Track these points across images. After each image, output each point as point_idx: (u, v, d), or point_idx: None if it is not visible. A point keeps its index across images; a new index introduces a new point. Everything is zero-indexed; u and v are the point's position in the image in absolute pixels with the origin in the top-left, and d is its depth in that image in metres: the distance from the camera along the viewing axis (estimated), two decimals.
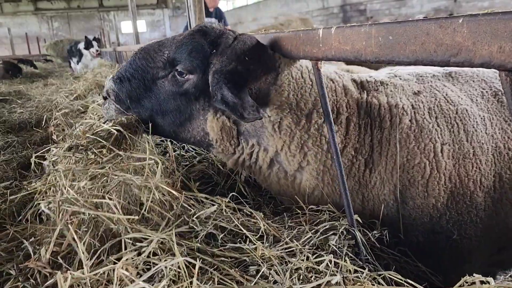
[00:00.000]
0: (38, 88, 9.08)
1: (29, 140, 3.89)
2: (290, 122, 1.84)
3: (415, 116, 1.86)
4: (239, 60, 1.79)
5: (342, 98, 1.89)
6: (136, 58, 2.01)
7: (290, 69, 1.87)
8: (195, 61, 1.83)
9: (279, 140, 1.88)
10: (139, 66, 1.97)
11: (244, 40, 1.87)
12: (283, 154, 1.90)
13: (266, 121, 1.86)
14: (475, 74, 2.17)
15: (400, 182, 1.83)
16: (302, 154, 1.88)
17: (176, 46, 1.91)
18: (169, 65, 1.91)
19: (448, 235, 1.85)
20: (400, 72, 2.19)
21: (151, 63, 1.96)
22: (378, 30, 1.20)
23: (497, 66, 0.89)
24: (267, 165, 1.97)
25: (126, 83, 1.99)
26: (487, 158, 1.86)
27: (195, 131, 1.97)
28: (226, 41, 1.85)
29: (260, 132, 1.91)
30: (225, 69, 1.75)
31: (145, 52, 2.00)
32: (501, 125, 1.94)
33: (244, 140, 1.95)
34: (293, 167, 1.92)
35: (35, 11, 35.54)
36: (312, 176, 1.90)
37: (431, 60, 1.04)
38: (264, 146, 1.94)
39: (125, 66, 2.04)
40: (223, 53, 1.81)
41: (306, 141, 1.86)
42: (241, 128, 1.93)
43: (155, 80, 1.95)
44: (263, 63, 1.85)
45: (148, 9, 38.71)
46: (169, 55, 1.91)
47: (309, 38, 1.56)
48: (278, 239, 1.70)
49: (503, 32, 0.86)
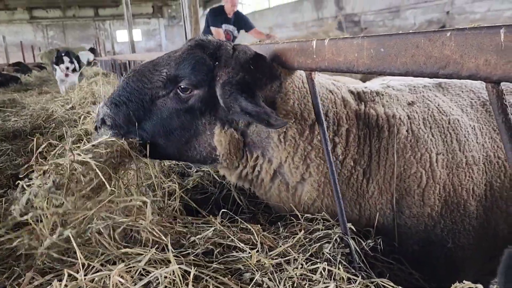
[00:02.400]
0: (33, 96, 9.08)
1: (24, 148, 3.88)
2: (295, 132, 1.84)
3: (411, 127, 1.89)
4: (244, 69, 1.78)
5: (342, 110, 1.90)
6: (129, 81, 1.94)
7: (292, 78, 1.89)
8: (200, 75, 1.80)
9: (284, 151, 1.87)
10: (134, 89, 1.91)
11: (244, 50, 1.87)
12: (286, 166, 1.90)
13: (272, 131, 1.85)
14: (463, 84, 2.21)
15: (397, 191, 1.85)
16: (305, 166, 1.88)
17: (176, 62, 1.86)
18: (170, 83, 1.86)
19: (442, 244, 1.88)
20: (392, 83, 2.22)
21: (148, 84, 1.90)
22: (370, 43, 1.23)
23: (484, 78, 0.92)
24: (270, 178, 1.95)
25: (122, 107, 1.90)
26: (478, 167, 1.89)
27: (202, 147, 1.91)
28: (226, 52, 1.84)
29: (265, 143, 1.89)
30: (235, 79, 1.74)
31: (139, 74, 1.93)
32: (490, 134, 1.98)
33: (249, 152, 1.93)
34: (295, 178, 1.91)
35: (30, 19, 35.55)
36: (313, 188, 1.90)
37: (421, 72, 1.07)
38: (268, 157, 1.92)
39: (118, 90, 1.95)
40: (227, 64, 1.80)
41: (309, 153, 1.86)
42: (247, 140, 1.90)
43: (154, 100, 1.89)
44: (266, 71, 1.85)
45: (144, 18, 38.86)
46: (170, 73, 1.86)
47: (303, 49, 1.60)
48: (273, 248, 1.71)
49: (489, 46, 0.89)
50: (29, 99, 8.10)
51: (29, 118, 5.24)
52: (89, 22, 37.71)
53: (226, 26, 8.07)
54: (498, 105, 0.95)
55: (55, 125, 4.27)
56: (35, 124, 4.70)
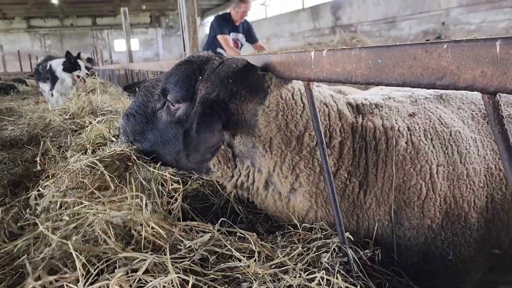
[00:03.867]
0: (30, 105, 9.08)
1: (20, 157, 3.87)
2: (280, 142, 1.86)
3: (411, 138, 1.89)
4: (222, 84, 1.87)
5: (336, 123, 1.91)
6: (139, 95, 2.21)
7: (280, 91, 1.90)
8: (182, 90, 1.93)
9: (271, 161, 1.89)
10: (141, 102, 2.17)
11: (229, 63, 1.94)
12: (275, 175, 1.92)
13: (256, 141, 1.88)
14: (464, 96, 2.21)
15: (396, 203, 1.85)
16: (294, 176, 1.89)
17: (165, 77, 2.04)
18: (162, 97, 2.05)
19: (443, 256, 1.87)
20: (394, 94, 2.22)
21: (150, 98, 2.13)
22: (367, 54, 1.25)
23: (480, 89, 0.93)
24: (263, 186, 1.99)
25: (132, 118, 2.18)
26: (480, 179, 1.88)
27: None
28: (211, 66, 1.94)
29: (252, 153, 1.93)
30: (208, 97, 1.85)
31: (146, 89, 2.18)
32: (491, 146, 1.98)
33: (240, 161, 1.98)
34: (286, 188, 1.93)
35: (28, 28, 35.64)
36: (305, 198, 1.91)
37: (418, 83, 1.08)
38: (257, 167, 1.96)
39: (132, 103, 2.24)
40: (208, 78, 1.90)
41: (298, 163, 1.87)
42: (235, 150, 1.95)
43: (155, 112, 2.11)
44: (249, 84, 1.89)
45: (141, 28, 39.03)
46: (162, 86, 2.04)
47: (302, 60, 1.61)
48: (271, 257, 1.71)
49: (485, 57, 0.91)
50: (26, 108, 8.11)
51: (26, 127, 5.23)
52: (87, 31, 37.84)
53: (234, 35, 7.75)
54: (495, 115, 0.97)
55: (52, 134, 4.26)
56: (33, 133, 4.69)
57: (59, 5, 28.43)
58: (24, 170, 3.41)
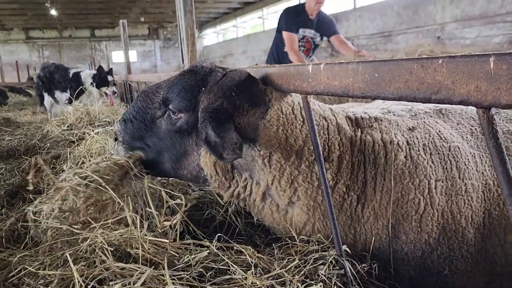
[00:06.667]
0: (27, 115, 9.07)
1: (18, 168, 3.86)
2: (280, 157, 1.86)
3: (410, 152, 1.89)
4: (225, 96, 1.86)
5: (335, 137, 1.92)
6: (137, 101, 2.16)
7: (281, 105, 1.91)
8: (184, 101, 1.93)
9: (270, 175, 1.90)
10: (140, 108, 2.12)
11: (232, 76, 1.94)
12: (274, 188, 1.92)
13: (256, 155, 1.89)
14: (464, 111, 2.22)
15: (394, 216, 1.85)
16: (292, 190, 1.89)
17: (168, 86, 2.03)
18: (163, 105, 2.03)
19: (439, 270, 1.87)
20: (394, 108, 2.23)
21: (150, 104, 2.09)
22: (364, 68, 1.27)
23: (474, 103, 0.95)
24: (260, 198, 1.99)
25: (129, 124, 2.14)
26: (477, 195, 1.88)
27: (191, 167, 2.03)
28: (214, 78, 1.94)
29: (251, 166, 1.94)
30: (211, 106, 1.83)
31: (145, 95, 2.14)
32: (490, 162, 1.97)
33: (238, 173, 1.99)
34: (284, 201, 1.93)
35: (26, 39, 35.74)
36: (302, 211, 1.91)
37: (414, 97, 1.10)
38: (256, 179, 1.96)
39: (130, 108, 2.19)
40: (211, 90, 1.90)
41: (296, 177, 1.88)
42: (234, 162, 1.95)
43: (154, 120, 2.08)
44: (251, 97, 1.90)
45: (139, 40, 39.21)
46: (163, 95, 2.03)
47: (299, 73, 1.63)
48: (268, 269, 1.71)
49: (479, 73, 0.93)
50: (23, 118, 8.10)
51: (23, 137, 5.23)
52: (85, 42, 37.98)
53: (305, 31, 6.23)
54: (489, 129, 0.98)
55: (50, 145, 4.26)
56: (30, 144, 4.69)
57: (58, 17, 28.59)
58: (21, 181, 3.40)
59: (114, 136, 2.24)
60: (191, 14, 4.01)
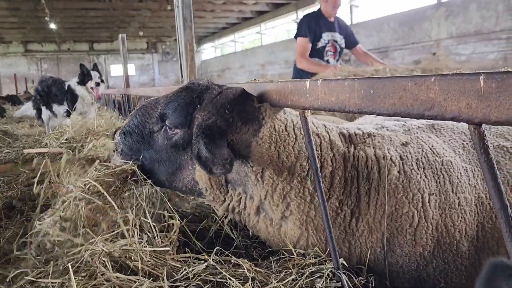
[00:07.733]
0: (25, 128, 9.07)
1: (15, 180, 3.87)
2: (272, 173, 1.90)
3: (403, 167, 1.92)
4: (219, 113, 1.91)
5: (327, 153, 1.95)
6: (137, 114, 2.24)
7: (274, 122, 1.95)
8: (180, 117, 2.00)
9: (262, 190, 1.93)
10: (139, 122, 2.20)
11: (227, 93, 2.00)
12: (267, 203, 1.95)
13: (249, 170, 1.93)
14: (455, 126, 2.26)
15: (388, 230, 1.87)
16: (285, 204, 1.92)
17: (165, 102, 2.10)
18: (160, 120, 2.10)
19: (434, 283, 1.88)
20: (387, 123, 2.27)
21: (148, 119, 2.17)
22: (360, 84, 1.31)
23: (466, 120, 0.99)
24: (254, 212, 2.02)
25: (128, 136, 2.22)
26: (471, 208, 1.91)
27: (186, 180, 2.09)
28: (210, 95, 2.01)
29: (245, 181, 1.97)
30: (204, 123, 1.88)
31: (144, 109, 2.22)
32: (482, 176, 2.00)
33: (232, 188, 2.03)
34: (277, 216, 1.96)
35: (25, 52, 35.87)
36: (295, 225, 1.94)
37: (408, 113, 1.14)
38: (249, 194, 2.00)
39: (129, 121, 2.27)
40: (206, 107, 1.96)
41: (289, 192, 1.90)
42: (228, 177, 2.00)
43: (152, 133, 2.15)
44: (245, 115, 1.95)
45: (138, 53, 39.43)
46: (161, 110, 2.10)
47: (297, 89, 1.67)
48: (265, 283, 1.72)
49: (470, 90, 0.97)
50: (21, 131, 8.10)
51: (21, 150, 5.23)
52: (84, 56, 38.14)
53: (329, 35, 5.98)
54: (480, 145, 1.02)
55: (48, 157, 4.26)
56: (28, 156, 4.70)
57: (57, 30, 28.76)
58: (19, 193, 3.40)
59: (114, 147, 2.30)
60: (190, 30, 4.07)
